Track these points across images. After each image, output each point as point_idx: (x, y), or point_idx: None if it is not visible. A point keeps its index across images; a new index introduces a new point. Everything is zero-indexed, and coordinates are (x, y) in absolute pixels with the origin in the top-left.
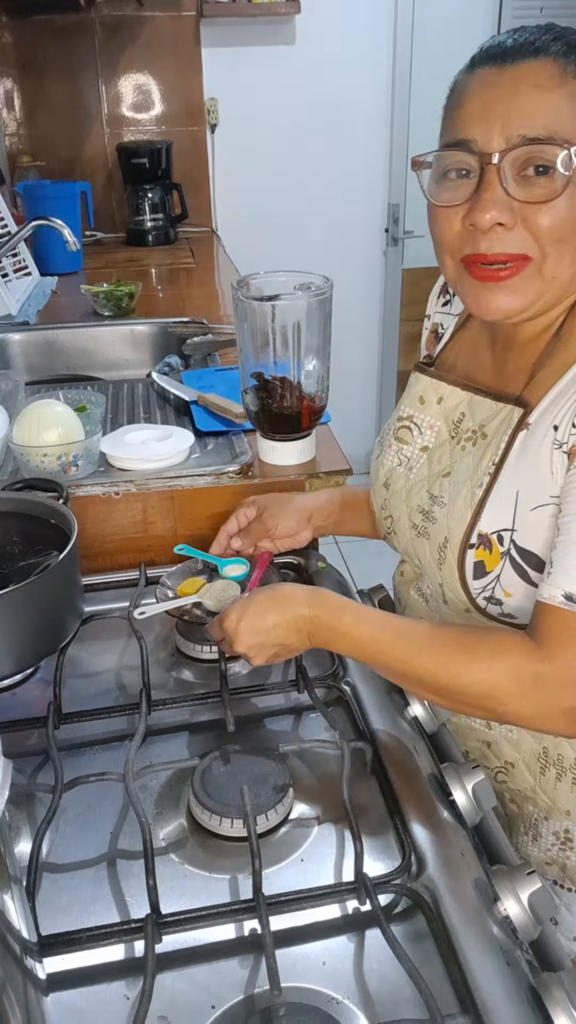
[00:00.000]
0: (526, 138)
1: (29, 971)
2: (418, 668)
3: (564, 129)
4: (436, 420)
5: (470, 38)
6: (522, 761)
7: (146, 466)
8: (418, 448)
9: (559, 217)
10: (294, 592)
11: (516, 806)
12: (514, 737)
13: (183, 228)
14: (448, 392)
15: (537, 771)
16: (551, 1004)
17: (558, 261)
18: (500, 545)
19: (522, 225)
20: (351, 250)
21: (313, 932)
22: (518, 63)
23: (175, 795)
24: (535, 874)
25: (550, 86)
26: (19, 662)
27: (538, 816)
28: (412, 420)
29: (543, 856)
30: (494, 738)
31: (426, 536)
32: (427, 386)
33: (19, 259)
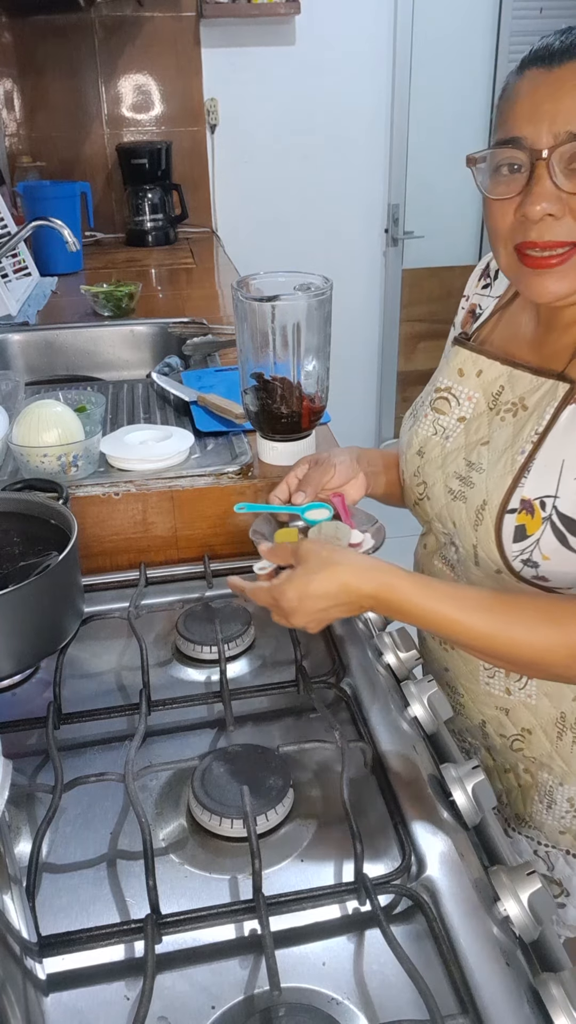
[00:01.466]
0: (572, 134)
1: (29, 971)
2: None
3: None
4: (475, 392)
5: (470, 38)
6: (540, 727)
7: (146, 466)
8: (455, 418)
9: None
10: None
11: (530, 775)
12: (532, 703)
13: (183, 228)
14: (488, 365)
15: (555, 736)
16: (551, 1004)
17: None
18: (542, 511)
19: (571, 215)
20: (351, 250)
21: (313, 932)
22: (564, 64)
23: (175, 795)
24: (535, 874)
25: None
26: (19, 662)
27: (553, 783)
28: (450, 391)
29: (556, 824)
30: (512, 704)
31: (463, 500)
32: (467, 359)
33: (19, 259)
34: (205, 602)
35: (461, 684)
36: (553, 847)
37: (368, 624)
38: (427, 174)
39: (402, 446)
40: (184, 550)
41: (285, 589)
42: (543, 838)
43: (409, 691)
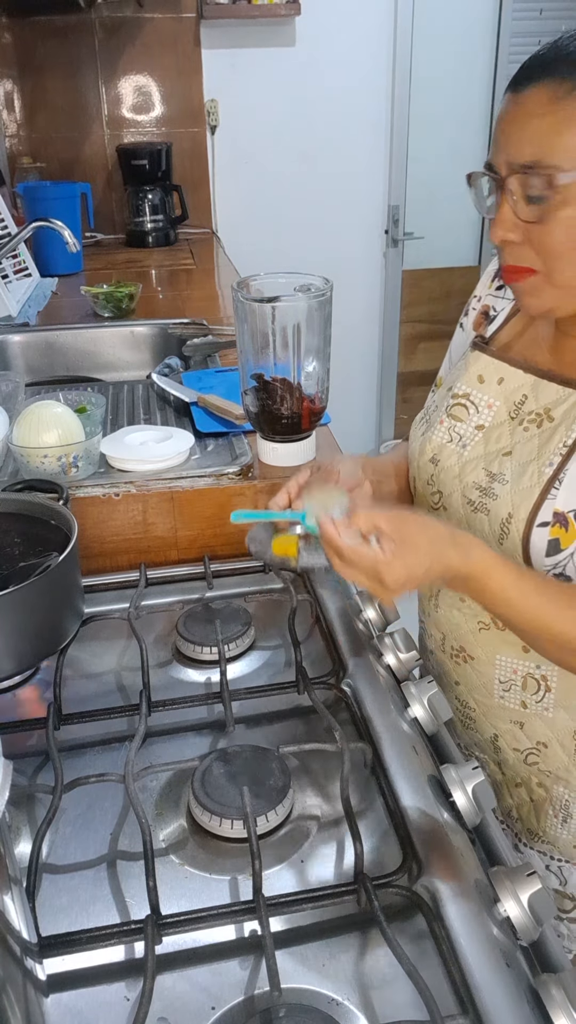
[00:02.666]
0: (518, 166)
1: (29, 972)
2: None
3: (550, 155)
4: (495, 400)
5: (470, 39)
6: (556, 740)
7: (146, 467)
8: (473, 426)
9: (553, 238)
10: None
11: (544, 789)
12: (549, 715)
13: (183, 229)
14: (510, 373)
15: (572, 749)
16: (551, 1005)
17: (564, 272)
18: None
19: (529, 244)
20: (351, 252)
21: (313, 933)
22: (522, 90)
23: (175, 796)
24: (535, 875)
25: (542, 112)
26: (19, 663)
27: (569, 797)
28: (469, 398)
29: (572, 839)
30: (528, 717)
31: (485, 512)
32: (487, 365)
33: (19, 260)
34: (205, 603)
35: (473, 698)
36: (567, 861)
37: (368, 625)
38: (427, 175)
39: (413, 452)
40: (184, 551)
41: (395, 567)
42: (556, 852)
43: (409, 692)
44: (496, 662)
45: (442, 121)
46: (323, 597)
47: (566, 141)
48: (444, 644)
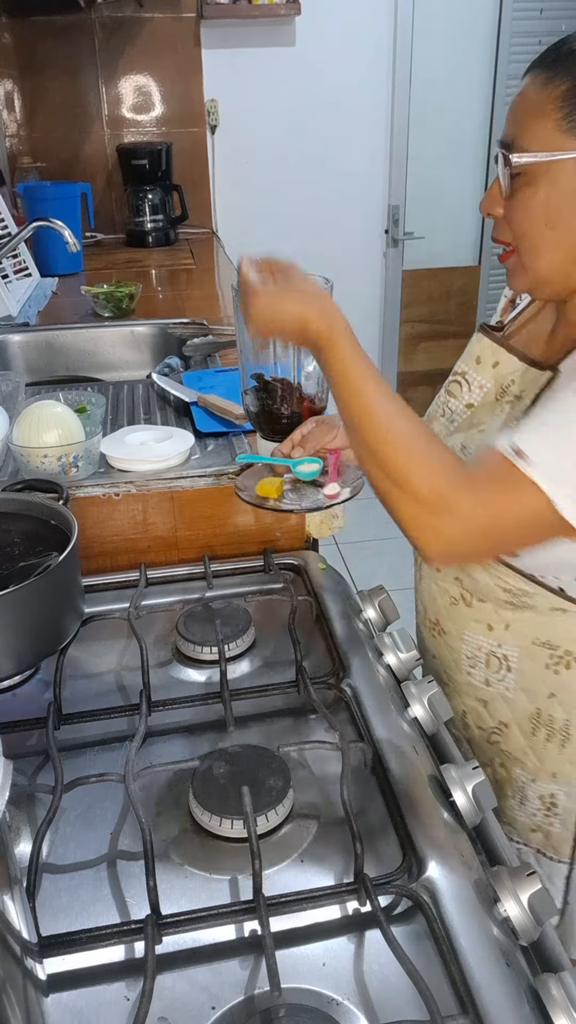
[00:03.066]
0: (502, 142)
1: (29, 972)
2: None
3: (522, 135)
4: (487, 381)
5: (470, 39)
6: (515, 722)
7: (146, 467)
8: (464, 404)
9: (516, 216)
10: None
11: (505, 770)
12: (510, 696)
13: (183, 229)
14: (506, 359)
15: (529, 731)
16: (551, 1005)
17: (529, 254)
18: None
19: (506, 220)
20: (351, 251)
21: (313, 933)
22: (527, 74)
23: (175, 796)
24: (535, 875)
25: (528, 95)
26: (19, 663)
27: (526, 779)
28: (464, 376)
29: (528, 822)
30: (491, 696)
31: None
32: (487, 348)
33: (19, 260)
34: (205, 602)
35: (446, 673)
36: (524, 845)
37: (368, 624)
38: (427, 174)
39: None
40: (184, 550)
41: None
42: (515, 835)
43: (409, 691)
44: (464, 637)
45: (442, 121)
46: (323, 597)
47: (535, 125)
48: (425, 618)
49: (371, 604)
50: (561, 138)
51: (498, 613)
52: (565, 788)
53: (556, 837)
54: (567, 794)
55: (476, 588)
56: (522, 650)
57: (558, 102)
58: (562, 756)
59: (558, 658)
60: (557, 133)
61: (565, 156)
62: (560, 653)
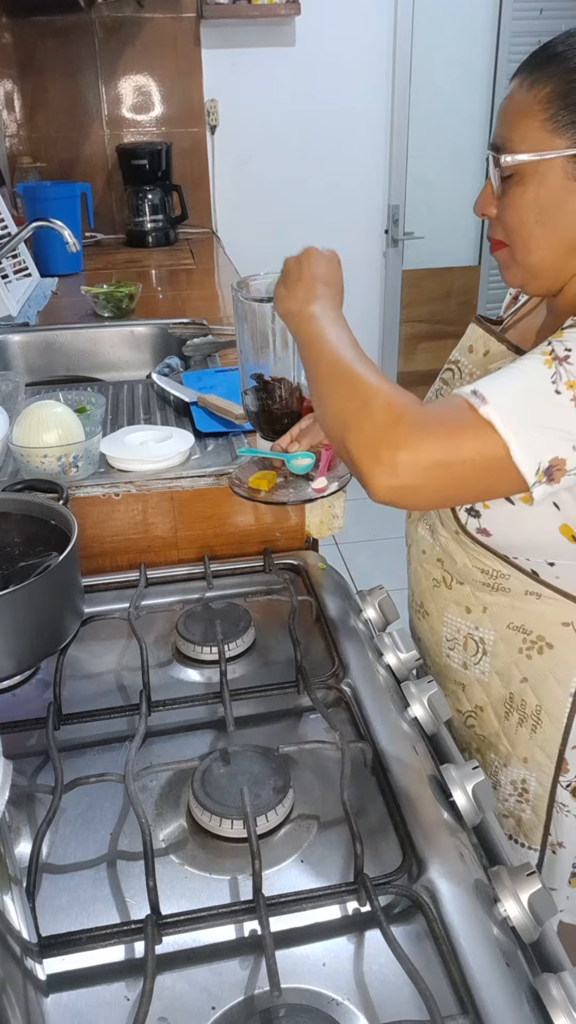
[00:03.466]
0: (491, 143)
1: (29, 972)
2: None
3: (510, 137)
4: (476, 370)
5: (470, 39)
6: (490, 705)
7: (146, 467)
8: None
9: (507, 215)
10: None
11: (481, 755)
12: (485, 680)
13: (183, 229)
14: (496, 348)
15: (502, 715)
16: (551, 1005)
17: (521, 251)
18: None
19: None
20: (351, 251)
21: (313, 933)
22: (514, 77)
23: (175, 796)
24: (535, 875)
25: (515, 97)
26: (19, 663)
27: (498, 764)
28: (457, 365)
29: (500, 807)
30: (469, 680)
31: None
32: (479, 337)
33: (19, 260)
34: (205, 602)
35: (429, 656)
36: None
37: (368, 624)
38: (427, 174)
39: None
40: (184, 551)
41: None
42: None
43: (409, 691)
44: (445, 619)
45: (442, 121)
46: (323, 597)
47: (522, 126)
48: (412, 600)
49: (371, 604)
50: (548, 138)
51: (476, 596)
52: (536, 774)
53: (527, 823)
54: (538, 780)
55: (456, 570)
56: (497, 634)
57: (543, 103)
58: (533, 741)
59: (531, 643)
60: (543, 133)
61: (552, 155)
62: (533, 638)
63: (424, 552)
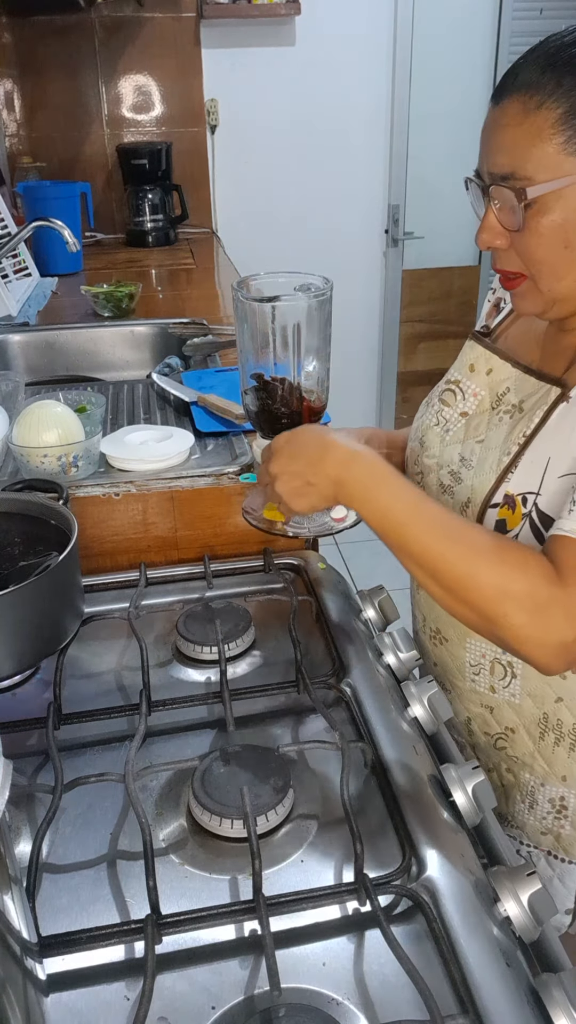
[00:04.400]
0: (497, 176)
1: (29, 972)
2: (438, 555)
3: (523, 167)
4: (481, 389)
5: (470, 39)
6: (523, 726)
7: (146, 467)
8: (458, 412)
9: (530, 245)
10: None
11: (513, 775)
12: (516, 702)
13: (183, 229)
14: (499, 365)
15: (537, 736)
16: (551, 1005)
17: (549, 278)
18: (523, 507)
19: (514, 249)
20: (351, 251)
21: (313, 933)
22: (500, 102)
23: (175, 796)
24: (535, 875)
25: (515, 124)
26: (19, 662)
27: (535, 784)
28: (459, 385)
29: (538, 825)
30: (497, 703)
31: (451, 495)
32: (480, 356)
33: (19, 260)
34: (205, 602)
35: (449, 680)
36: (535, 847)
37: (368, 624)
38: (427, 174)
39: (411, 432)
40: (184, 550)
41: (281, 480)
42: (525, 838)
43: (409, 691)
44: (467, 645)
45: (442, 121)
46: (323, 597)
47: (537, 153)
48: (425, 626)
49: (371, 604)
50: (569, 161)
51: None
52: (575, 790)
53: (567, 839)
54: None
55: None
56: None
57: (557, 126)
58: (571, 759)
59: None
60: (563, 156)
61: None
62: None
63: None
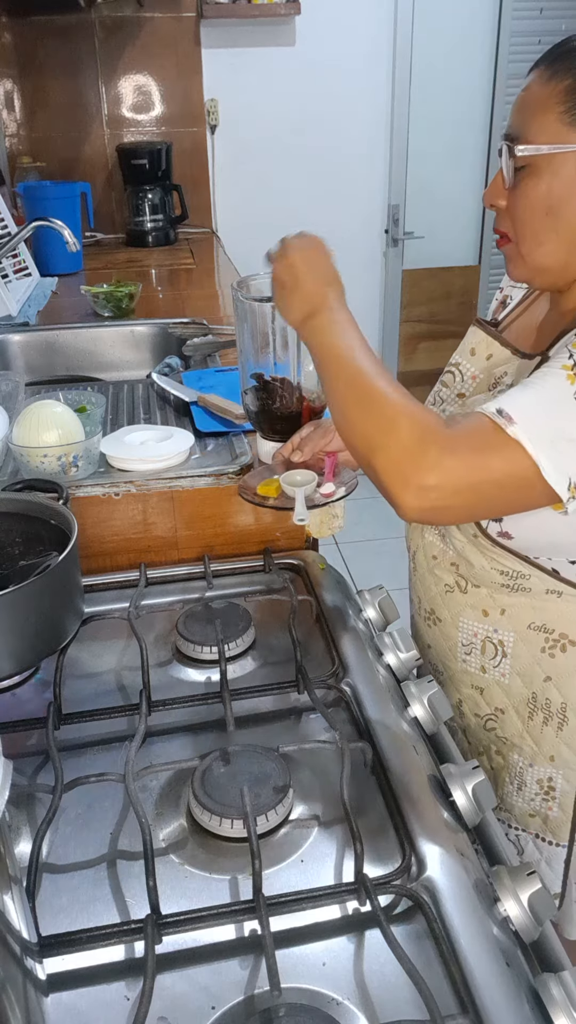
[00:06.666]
0: (507, 135)
1: (29, 971)
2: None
3: (527, 128)
4: (480, 372)
5: (470, 39)
6: (512, 707)
7: (146, 467)
8: (455, 393)
9: (518, 206)
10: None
11: (502, 757)
12: (506, 682)
13: (183, 229)
14: (499, 351)
15: (526, 716)
16: (551, 1004)
17: (530, 242)
18: None
19: (507, 210)
20: (351, 251)
21: (313, 933)
22: (532, 71)
23: (175, 795)
24: (535, 875)
25: (532, 89)
26: (19, 662)
27: (523, 764)
28: (458, 367)
29: (527, 807)
30: (487, 683)
31: None
32: (481, 340)
33: (19, 260)
34: (205, 602)
35: (442, 662)
36: (523, 830)
37: (368, 624)
38: (427, 174)
39: None
40: (184, 550)
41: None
42: (513, 821)
43: (409, 691)
44: (459, 625)
45: (442, 121)
46: (323, 597)
47: (539, 118)
48: (420, 607)
49: (371, 604)
50: (565, 131)
51: (493, 598)
52: (563, 771)
53: (554, 821)
54: (565, 777)
55: (472, 573)
56: (518, 635)
57: (561, 96)
58: (559, 739)
59: (553, 641)
60: (561, 126)
61: (568, 148)
62: (555, 636)
63: (435, 558)
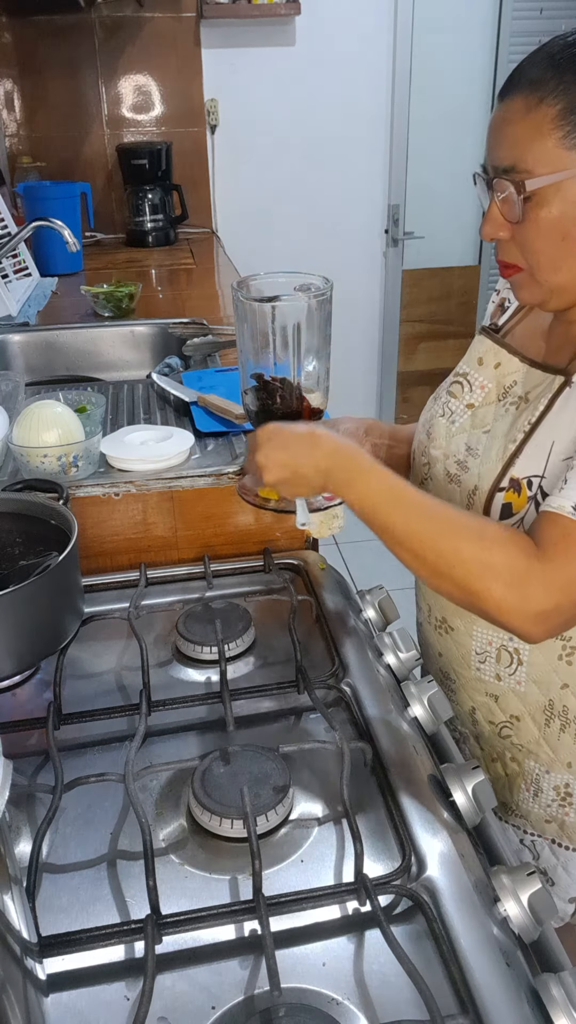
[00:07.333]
0: (498, 169)
1: (29, 972)
2: (422, 534)
3: (523, 160)
4: (488, 382)
5: (470, 39)
6: (528, 714)
7: (146, 467)
8: (464, 404)
9: (529, 237)
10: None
11: (517, 764)
12: (521, 690)
13: (183, 229)
14: (507, 360)
15: (542, 723)
16: (551, 1004)
17: (547, 270)
18: (529, 490)
19: (514, 242)
20: (351, 251)
21: (313, 933)
22: (505, 97)
23: (175, 795)
24: (535, 875)
25: (518, 120)
26: (19, 662)
27: (540, 771)
28: (466, 378)
29: (543, 813)
30: (502, 691)
31: (458, 484)
32: (489, 349)
33: (19, 260)
34: (205, 602)
35: (453, 670)
36: (539, 836)
37: (368, 624)
38: (427, 174)
39: (418, 425)
40: (184, 550)
41: (257, 446)
42: (529, 827)
43: (409, 691)
44: (474, 633)
45: (442, 121)
46: (323, 597)
47: (537, 147)
48: (430, 616)
49: (371, 604)
50: (567, 156)
51: None
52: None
53: (571, 826)
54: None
55: None
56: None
57: (556, 120)
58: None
59: (571, 649)
60: (562, 151)
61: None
62: (573, 644)
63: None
